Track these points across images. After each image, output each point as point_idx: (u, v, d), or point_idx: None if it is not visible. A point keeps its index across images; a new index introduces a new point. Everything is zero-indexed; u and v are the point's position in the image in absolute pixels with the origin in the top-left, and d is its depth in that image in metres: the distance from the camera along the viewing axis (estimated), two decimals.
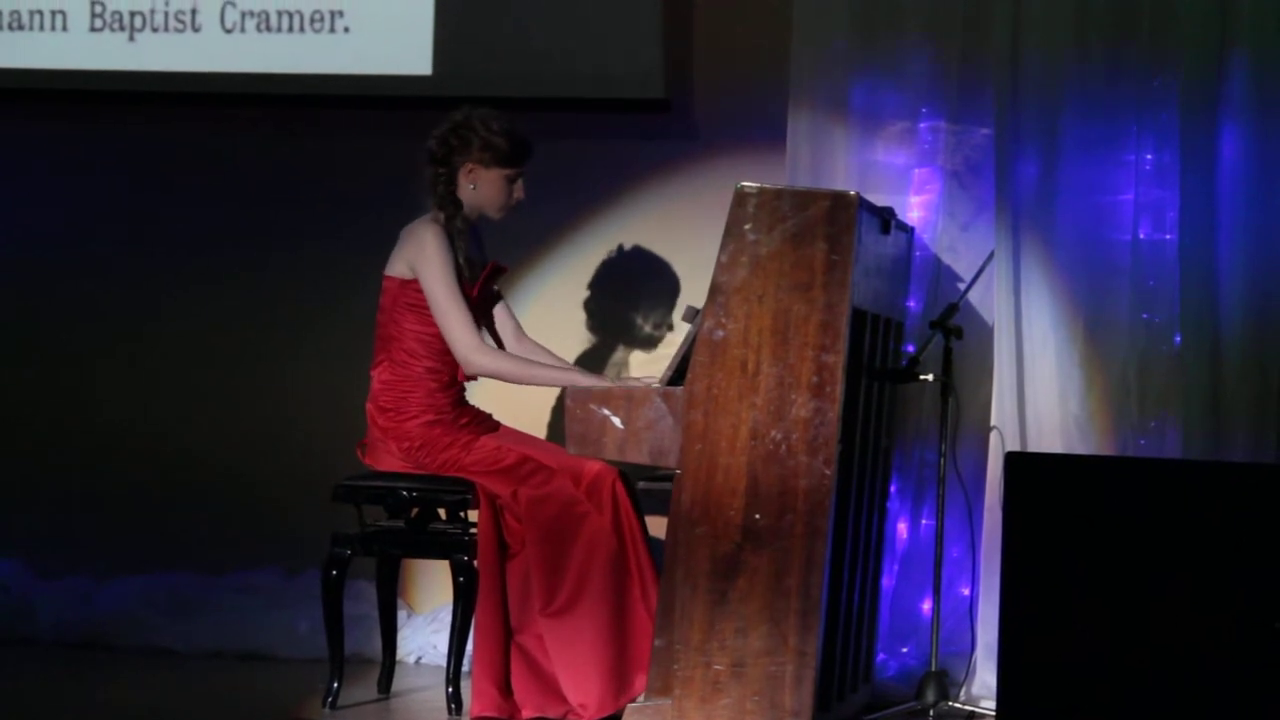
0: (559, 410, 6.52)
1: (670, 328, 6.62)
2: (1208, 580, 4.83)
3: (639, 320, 6.67)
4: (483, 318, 5.81)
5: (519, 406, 6.17)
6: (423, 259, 5.70)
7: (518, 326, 5.98)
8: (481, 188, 5.82)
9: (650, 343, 6.66)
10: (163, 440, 6.94)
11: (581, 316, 6.68)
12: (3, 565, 6.90)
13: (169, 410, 6.95)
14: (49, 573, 6.87)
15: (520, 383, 5.76)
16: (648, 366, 6.56)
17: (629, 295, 6.67)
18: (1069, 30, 5.94)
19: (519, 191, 5.85)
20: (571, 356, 6.60)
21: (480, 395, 5.93)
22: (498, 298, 5.95)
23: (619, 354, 6.68)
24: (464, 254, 5.76)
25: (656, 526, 5.57)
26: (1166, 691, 4.84)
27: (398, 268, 5.76)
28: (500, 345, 5.87)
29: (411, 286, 5.73)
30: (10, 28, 6.92)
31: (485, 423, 5.84)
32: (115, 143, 7.00)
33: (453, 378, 5.77)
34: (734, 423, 5.17)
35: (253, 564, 6.77)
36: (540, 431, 6.43)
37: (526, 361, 5.78)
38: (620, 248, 6.67)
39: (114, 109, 6.97)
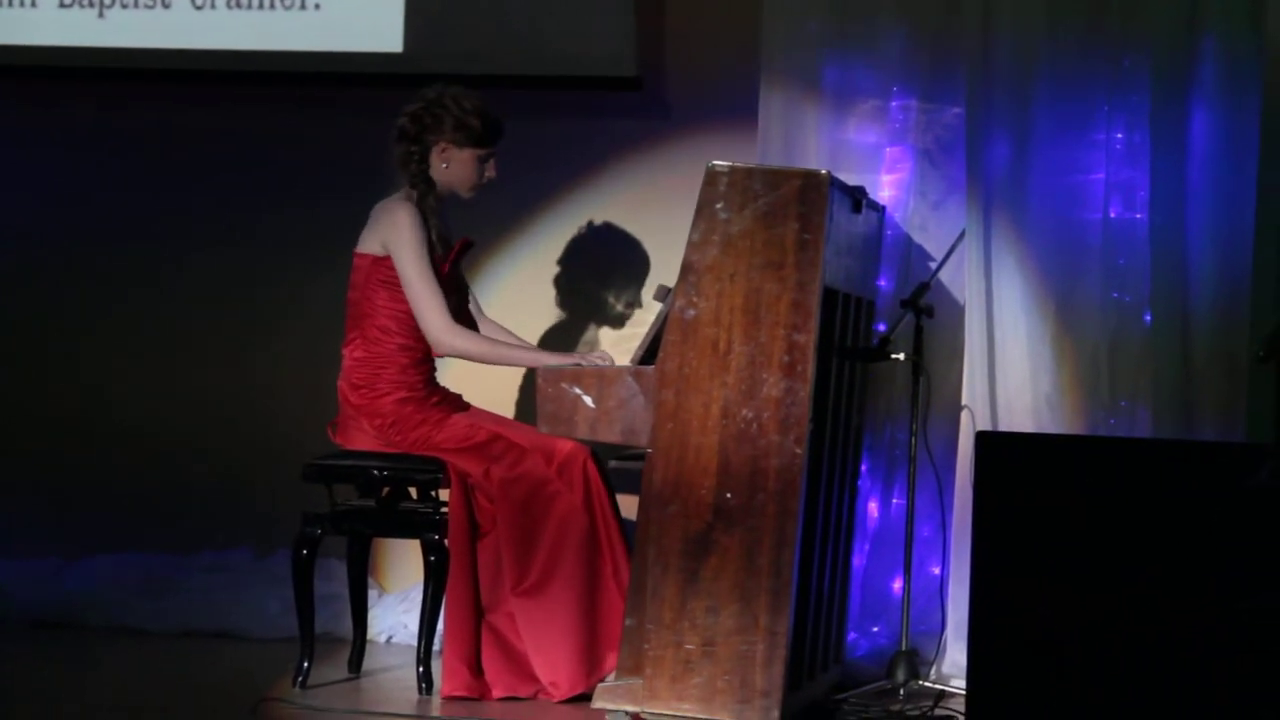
0: (525, 390, 6.52)
1: (641, 306, 6.61)
2: (1177, 559, 4.83)
3: (610, 299, 6.66)
4: (454, 294, 5.80)
5: (486, 387, 6.16)
6: (396, 238, 5.69)
7: (479, 306, 5.98)
8: (454, 167, 5.80)
9: (621, 321, 6.65)
10: (132, 419, 6.91)
11: (553, 295, 6.67)
12: None
13: (138, 389, 6.92)
14: (18, 552, 6.84)
15: (490, 363, 5.76)
16: (618, 345, 6.55)
17: (600, 274, 6.66)
18: (1041, 9, 5.94)
19: (491, 171, 5.85)
20: (541, 334, 6.60)
21: (447, 376, 5.92)
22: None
23: (590, 332, 6.67)
24: (436, 232, 5.75)
25: (628, 506, 5.56)
26: (1136, 670, 4.84)
27: (370, 245, 5.75)
28: (470, 324, 5.86)
29: (384, 264, 5.72)
30: None
31: (456, 403, 5.83)
32: (84, 121, 6.96)
33: (425, 354, 5.77)
34: (705, 401, 5.16)
35: (223, 543, 6.75)
36: (508, 412, 6.42)
37: (496, 342, 5.78)
38: (591, 226, 6.65)
39: (83, 86, 6.93)
